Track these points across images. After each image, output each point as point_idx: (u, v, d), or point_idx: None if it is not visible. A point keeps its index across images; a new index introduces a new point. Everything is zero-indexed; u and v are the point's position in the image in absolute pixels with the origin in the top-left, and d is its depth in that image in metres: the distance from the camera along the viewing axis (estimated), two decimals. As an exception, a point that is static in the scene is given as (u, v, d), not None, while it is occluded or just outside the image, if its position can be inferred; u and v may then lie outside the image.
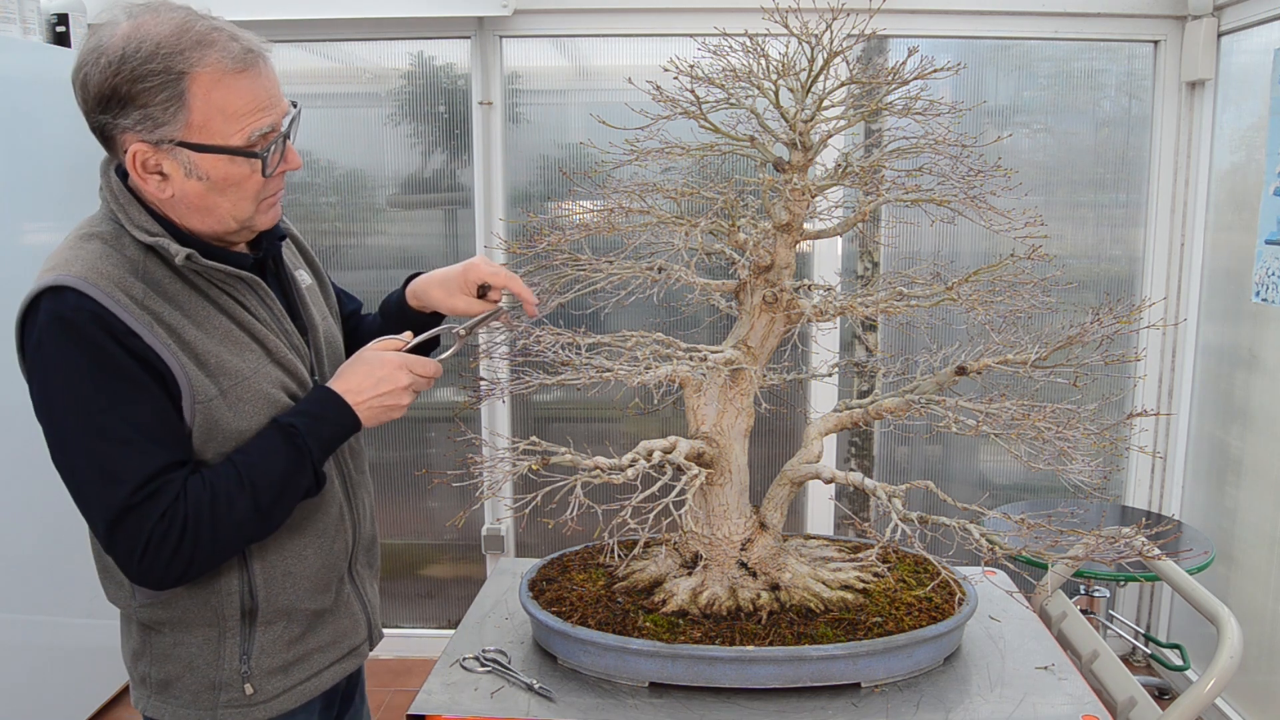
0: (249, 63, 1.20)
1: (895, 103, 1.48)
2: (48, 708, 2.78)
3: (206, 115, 1.18)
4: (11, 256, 2.58)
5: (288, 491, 1.26)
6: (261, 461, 1.24)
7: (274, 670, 1.36)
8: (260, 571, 1.33)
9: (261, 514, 1.24)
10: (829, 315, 1.54)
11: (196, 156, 1.19)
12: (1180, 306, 3.23)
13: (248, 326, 1.30)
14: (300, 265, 1.49)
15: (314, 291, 1.49)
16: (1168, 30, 3.14)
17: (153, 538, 1.17)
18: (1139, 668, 3.38)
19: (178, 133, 1.18)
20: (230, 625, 1.33)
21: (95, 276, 1.18)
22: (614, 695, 1.42)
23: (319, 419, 1.28)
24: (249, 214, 1.27)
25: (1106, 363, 1.45)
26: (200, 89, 1.17)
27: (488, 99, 3.21)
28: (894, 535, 1.37)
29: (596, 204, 1.59)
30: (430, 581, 3.55)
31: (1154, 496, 3.37)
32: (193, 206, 1.24)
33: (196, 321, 1.24)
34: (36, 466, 2.72)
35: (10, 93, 2.60)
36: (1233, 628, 1.60)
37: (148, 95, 1.16)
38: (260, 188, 1.26)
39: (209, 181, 1.21)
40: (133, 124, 1.18)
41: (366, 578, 1.53)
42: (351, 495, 1.46)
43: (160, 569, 1.20)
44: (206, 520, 1.20)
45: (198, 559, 1.21)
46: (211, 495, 1.21)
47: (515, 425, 3.40)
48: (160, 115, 1.17)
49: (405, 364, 1.33)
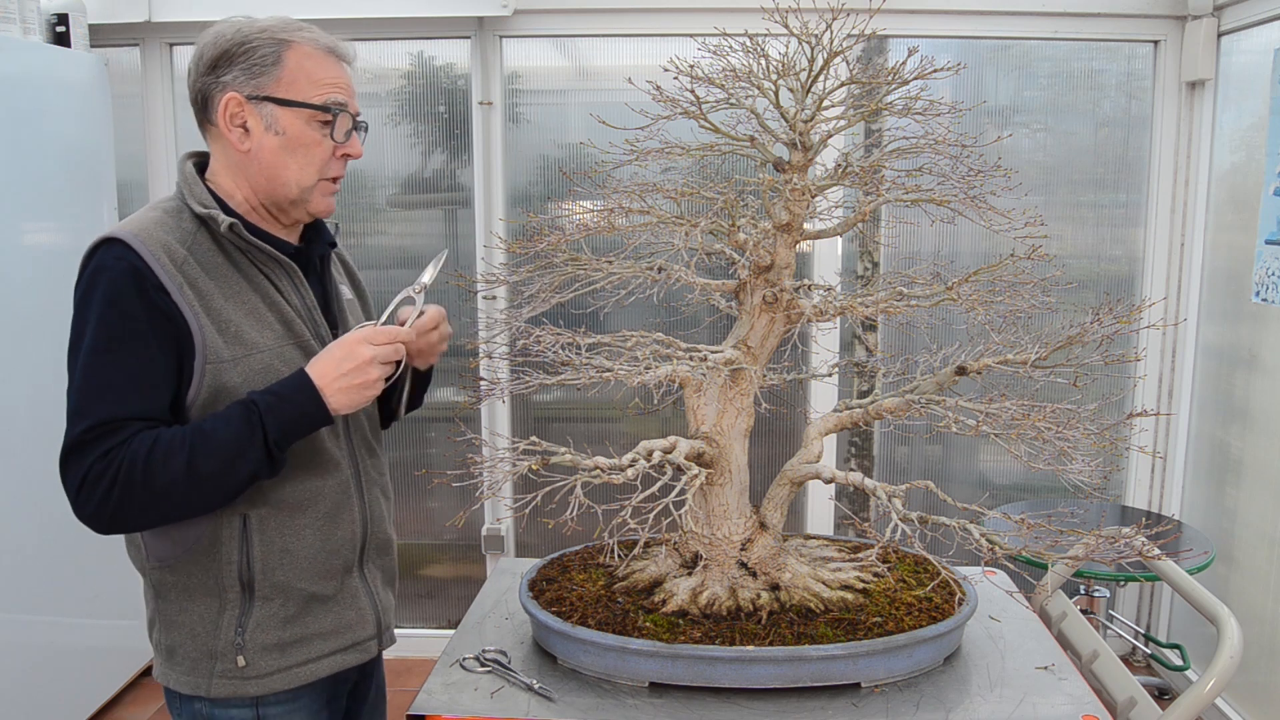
0: (335, 50, 1.42)
1: (895, 103, 1.48)
2: (48, 708, 2.78)
3: (295, 76, 1.37)
4: (11, 256, 2.58)
5: (232, 464, 1.27)
6: (211, 429, 1.28)
7: (269, 647, 1.39)
8: (259, 544, 1.37)
9: (196, 479, 1.26)
10: (829, 315, 1.54)
11: (279, 110, 1.37)
12: (1180, 306, 3.23)
13: (276, 306, 1.40)
14: (345, 282, 1.59)
15: (352, 304, 1.58)
16: (1168, 30, 3.14)
17: (89, 475, 1.25)
18: (1139, 668, 3.38)
19: (268, 86, 1.36)
20: (230, 596, 1.37)
21: (145, 235, 1.31)
22: (614, 695, 1.42)
23: (283, 399, 1.30)
24: (311, 183, 1.40)
25: (1106, 363, 1.45)
26: (294, 56, 1.38)
27: (488, 99, 3.21)
28: (894, 535, 1.38)
29: (596, 204, 1.59)
30: (430, 581, 3.55)
31: (1154, 496, 3.37)
32: (265, 164, 1.38)
33: (227, 293, 1.35)
34: (36, 466, 2.72)
35: (10, 93, 2.60)
36: (1233, 628, 1.60)
37: (251, 53, 1.36)
38: (326, 159, 1.41)
39: (285, 137, 1.38)
40: (232, 78, 1.36)
41: (379, 578, 1.55)
42: (364, 489, 1.49)
43: (92, 508, 1.26)
44: (140, 469, 1.24)
45: (127, 507, 1.26)
46: (150, 448, 1.25)
47: (515, 425, 3.40)
48: (258, 69, 1.36)
49: (364, 338, 1.35)
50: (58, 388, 1.32)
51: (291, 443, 1.32)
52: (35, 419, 2.61)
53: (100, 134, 3.00)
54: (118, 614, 3.03)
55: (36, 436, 2.66)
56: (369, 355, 1.33)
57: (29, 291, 2.62)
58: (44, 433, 2.72)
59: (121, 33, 3.18)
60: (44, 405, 2.67)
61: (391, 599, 1.59)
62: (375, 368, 1.34)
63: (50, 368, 2.66)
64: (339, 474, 1.44)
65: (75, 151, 2.88)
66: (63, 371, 1.31)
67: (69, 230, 2.82)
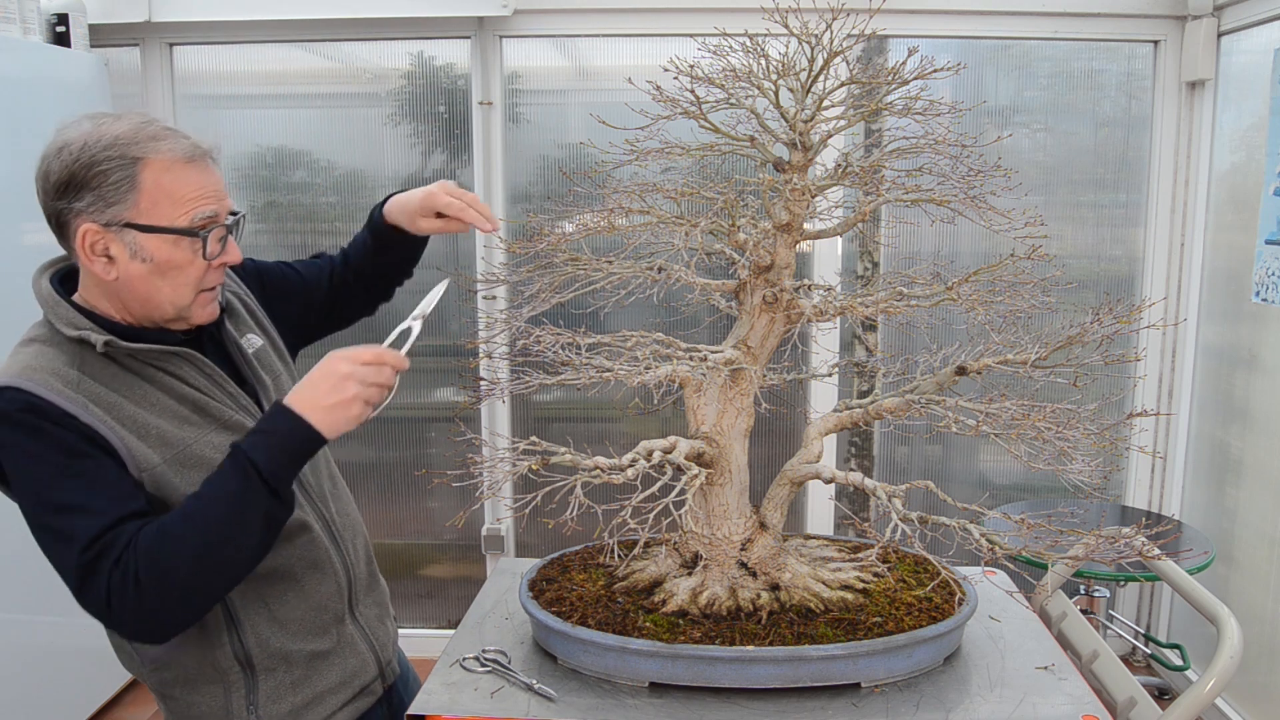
0: (197, 156, 1.30)
1: (895, 103, 1.48)
2: (48, 708, 2.78)
3: (155, 198, 1.26)
4: (11, 256, 2.58)
5: (240, 515, 1.22)
6: (208, 491, 1.23)
7: (285, 715, 1.39)
8: (247, 621, 1.36)
9: (212, 544, 1.20)
10: (829, 315, 1.54)
11: (143, 238, 1.26)
12: (1180, 306, 3.23)
13: (187, 398, 1.34)
14: (250, 329, 1.51)
15: (264, 352, 1.50)
16: (1168, 30, 3.14)
17: (112, 588, 1.19)
18: (1139, 668, 3.38)
19: (127, 213, 1.25)
20: (233, 678, 1.37)
21: (29, 372, 1.24)
22: (614, 695, 1.42)
23: (266, 434, 1.24)
24: (187, 302, 1.32)
25: (1106, 363, 1.45)
26: (151, 174, 1.26)
27: (488, 99, 3.21)
28: (894, 535, 1.37)
29: (596, 208, 1.59)
30: (430, 581, 3.55)
31: (1154, 496, 3.37)
32: (135, 291, 1.29)
33: (134, 399, 1.29)
34: (36, 466, 2.70)
35: (10, 93, 2.60)
36: (1233, 628, 1.60)
37: (102, 178, 1.25)
38: (201, 276, 1.32)
39: (153, 263, 1.28)
40: (86, 206, 1.25)
41: (372, 616, 1.55)
42: (337, 537, 1.48)
43: (131, 616, 1.21)
44: (159, 561, 1.19)
45: (165, 600, 1.20)
46: (159, 536, 1.20)
47: (515, 425, 3.40)
48: (112, 195, 1.25)
49: (343, 355, 1.28)
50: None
51: (291, 473, 1.26)
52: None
53: (100, 134, 3.00)
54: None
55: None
56: (345, 371, 1.25)
57: (29, 291, 2.61)
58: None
59: (121, 33, 3.18)
60: (44, 405, 2.67)
61: (389, 630, 1.60)
62: (353, 385, 1.25)
63: (50, 368, 2.66)
64: (308, 533, 1.42)
65: (75, 151, 2.88)
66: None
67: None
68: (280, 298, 1.62)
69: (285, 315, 1.62)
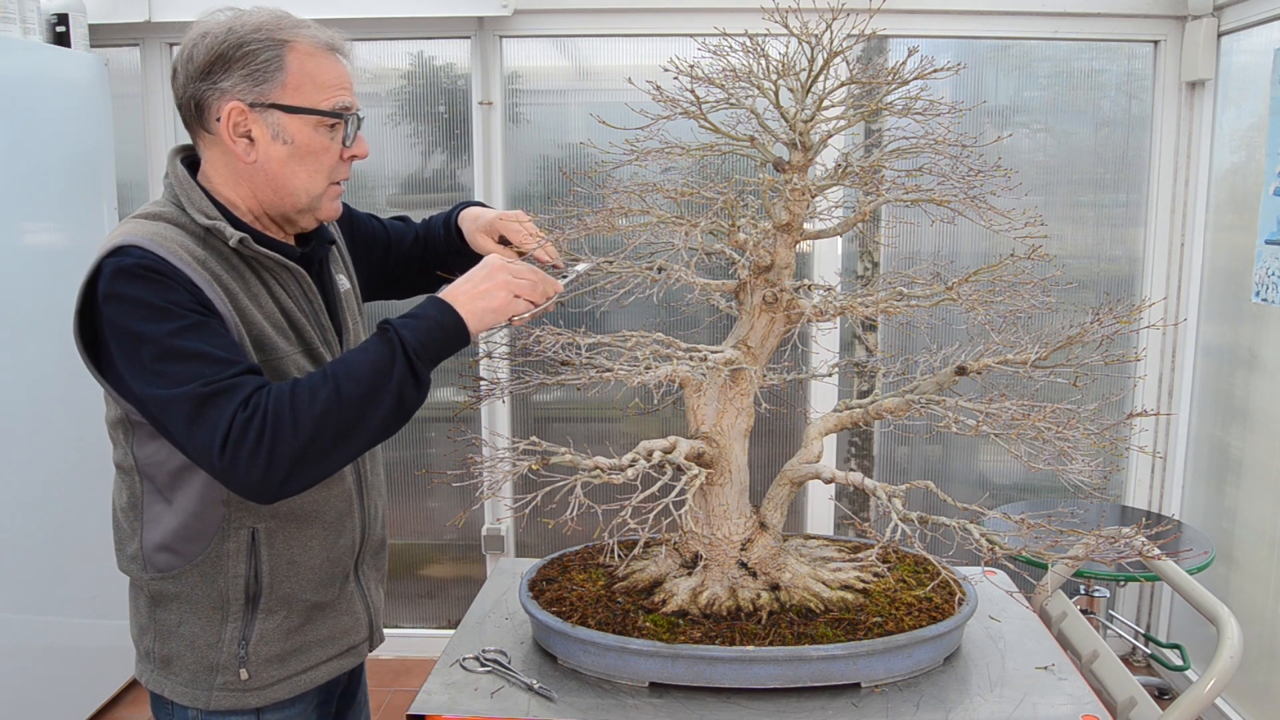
0: (336, 46, 1.36)
1: (895, 103, 1.48)
2: (48, 708, 2.78)
3: (300, 81, 1.30)
4: (11, 256, 2.58)
5: (381, 383, 1.21)
6: (350, 357, 1.24)
7: (270, 659, 1.38)
8: (267, 558, 1.36)
9: (345, 405, 1.19)
10: (829, 315, 1.54)
11: (286, 119, 1.30)
12: (1180, 306, 3.23)
13: (289, 314, 1.37)
14: (340, 270, 1.55)
15: (349, 296, 1.54)
16: (1168, 30, 3.14)
17: (233, 428, 1.15)
18: (1139, 668, 3.38)
19: (273, 93, 1.29)
20: (234, 609, 1.36)
21: (159, 239, 1.24)
22: (614, 695, 1.42)
23: (415, 316, 1.28)
24: (320, 190, 1.36)
25: (1106, 363, 1.45)
26: (296, 57, 1.30)
27: (488, 99, 3.21)
28: (894, 535, 1.37)
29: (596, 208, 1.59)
30: (430, 581, 3.55)
31: (1154, 496, 3.37)
32: (271, 175, 1.33)
33: (248, 295, 1.32)
34: (37, 466, 2.72)
35: (10, 93, 2.60)
36: (1233, 628, 1.60)
37: (251, 57, 1.28)
38: (334, 165, 1.36)
39: (292, 146, 1.32)
40: (232, 85, 1.28)
41: (372, 579, 1.55)
42: (364, 495, 1.49)
43: (245, 462, 1.15)
44: (287, 409, 1.16)
45: (286, 449, 1.16)
46: (294, 386, 1.19)
47: (515, 425, 3.40)
48: (260, 75, 1.28)
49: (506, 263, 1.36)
50: (58, 387, 1.31)
51: (433, 356, 1.26)
52: (35, 419, 2.61)
53: (100, 134, 3.00)
54: (118, 614, 3.01)
55: (36, 436, 2.66)
56: (504, 279, 1.32)
57: (29, 291, 2.62)
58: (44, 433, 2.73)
59: (121, 33, 3.18)
60: (44, 405, 2.68)
61: (382, 597, 1.60)
62: (505, 290, 1.32)
63: (50, 368, 2.68)
64: (343, 483, 1.44)
65: (75, 151, 2.88)
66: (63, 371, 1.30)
67: (69, 230, 2.82)
68: (365, 248, 1.66)
69: (366, 265, 1.66)
